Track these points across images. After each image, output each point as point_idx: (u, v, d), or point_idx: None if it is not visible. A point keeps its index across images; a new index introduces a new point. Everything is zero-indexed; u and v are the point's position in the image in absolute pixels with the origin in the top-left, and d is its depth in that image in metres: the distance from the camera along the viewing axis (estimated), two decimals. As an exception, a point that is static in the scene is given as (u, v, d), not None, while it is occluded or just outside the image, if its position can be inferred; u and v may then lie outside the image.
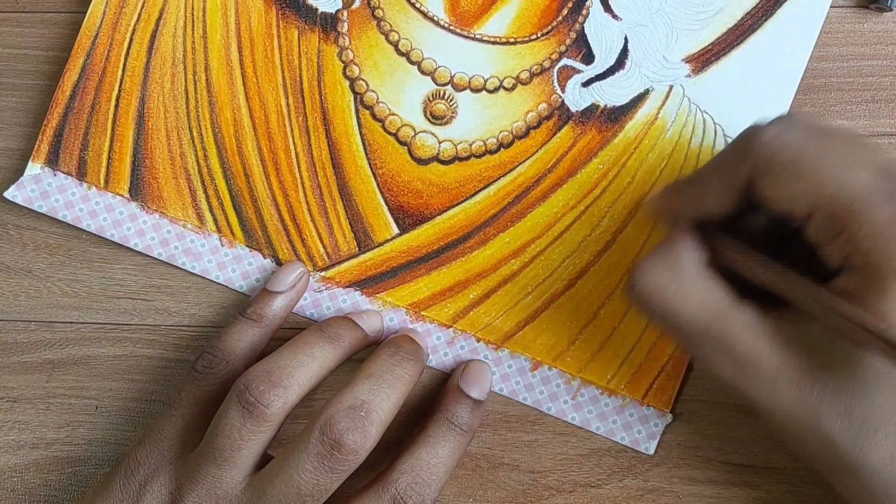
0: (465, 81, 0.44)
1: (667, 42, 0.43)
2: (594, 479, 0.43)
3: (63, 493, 0.44)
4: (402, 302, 0.43)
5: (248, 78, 0.44)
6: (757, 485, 0.43)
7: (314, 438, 0.36)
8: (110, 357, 0.44)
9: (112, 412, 0.44)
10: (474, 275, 0.43)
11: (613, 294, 0.43)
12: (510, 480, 0.44)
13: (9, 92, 0.45)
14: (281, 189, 0.44)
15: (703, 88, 0.43)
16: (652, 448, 0.43)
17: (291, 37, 0.44)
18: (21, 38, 0.46)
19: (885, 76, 0.44)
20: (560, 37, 0.43)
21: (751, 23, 0.43)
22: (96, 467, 0.44)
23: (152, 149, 0.44)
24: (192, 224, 0.44)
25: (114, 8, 0.44)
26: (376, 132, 0.44)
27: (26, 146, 0.45)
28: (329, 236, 0.44)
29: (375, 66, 0.44)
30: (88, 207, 0.44)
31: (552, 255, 0.43)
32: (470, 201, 0.43)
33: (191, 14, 0.44)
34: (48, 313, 0.45)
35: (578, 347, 0.43)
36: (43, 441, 0.44)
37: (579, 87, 0.43)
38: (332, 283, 0.44)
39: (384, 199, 0.44)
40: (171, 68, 0.44)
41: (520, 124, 0.43)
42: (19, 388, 0.44)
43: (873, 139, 0.43)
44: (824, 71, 0.44)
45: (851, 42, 0.44)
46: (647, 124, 0.43)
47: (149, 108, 0.44)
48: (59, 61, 0.45)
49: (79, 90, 0.44)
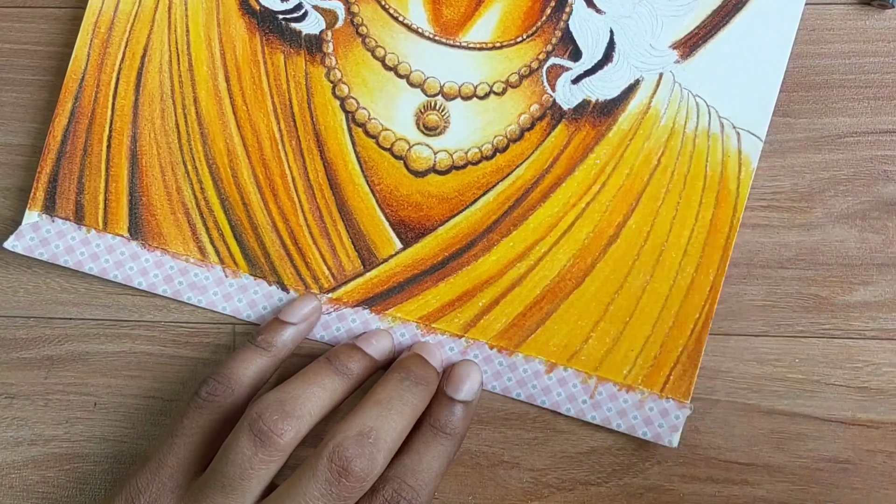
0: (455, 90, 0.43)
1: (652, 30, 0.43)
2: (594, 477, 0.43)
3: (61, 489, 0.44)
4: (411, 316, 0.43)
5: (238, 106, 0.44)
6: (757, 483, 0.43)
7: (322, 465, 0.36)
8: (109, 353, 0.44)
9: (111, 409, 0.44)
10: (482, 282, 0.43)
11: (622, 288, 0.43)
12: (509, 478, 0.43)
13: (9, 87, 0.45)
14: (280, 214, 0.43)
15: (694, 73, 0.43)
16: (675, 441, 0.42)
17: (278, 62, 0.44)
18: (21, 34, 0.46)
19: (886, 73, 0.43)
20: (546, 36, 0.43)
21: (735, 2, 0.43)
22: (95, 464, 0.44)
23: (148, 186, 0.44)
24: (194, 258, 0.43)
25: (97, 49, 0.44)
26: (371, 149, 0.43)
27: (29, 149, 0.45)
28: (333, 257, 0.43)
29: (364, 83, 0.44)
30: (89, 251, 0.43)
31: (557, 254, 0.43)
32: (471, 209, 0.43)
33: (175, 48, 0.44)
34: (47, 309, 0.45)
35: (592, 345, 0.43)
36: (41, 437, 0.44)
37: (569, 84, 0.43)
38: (339, 304, 0.43)
39: (384, 214, 0.43)
40: (160, 104, 0.44)
41: (513, 127, 0.43)
42: (18, 384, 0.44)
43: (875, 136, 0.43)
44: (826, 68, 0.43)
45: (853, 39, 0.43)
46: (640, 114, 0.43)
47: (141, 145, 0.44)
48: (60, 56, 0.45)
49: (70, 134, 0.44)
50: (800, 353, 0.43)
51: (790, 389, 0.43)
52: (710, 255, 0.42)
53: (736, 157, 0.42)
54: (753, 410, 0.43)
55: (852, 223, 0.43)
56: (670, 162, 0.43)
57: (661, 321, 0.42)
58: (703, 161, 0.42)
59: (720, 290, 0.42)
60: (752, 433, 0.43)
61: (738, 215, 0.42)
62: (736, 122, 0.42)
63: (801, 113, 0.43)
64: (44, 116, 0.45)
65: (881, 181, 0.43)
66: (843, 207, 0.43)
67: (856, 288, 0.43)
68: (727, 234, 0.42)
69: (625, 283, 0.43)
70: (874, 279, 0.43)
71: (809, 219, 0.43)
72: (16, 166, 0.45)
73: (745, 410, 0.43)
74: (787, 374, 0.43)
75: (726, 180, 0.42)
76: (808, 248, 0.43)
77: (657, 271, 0.42)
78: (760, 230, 0.43)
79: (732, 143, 0.42)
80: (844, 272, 0.43)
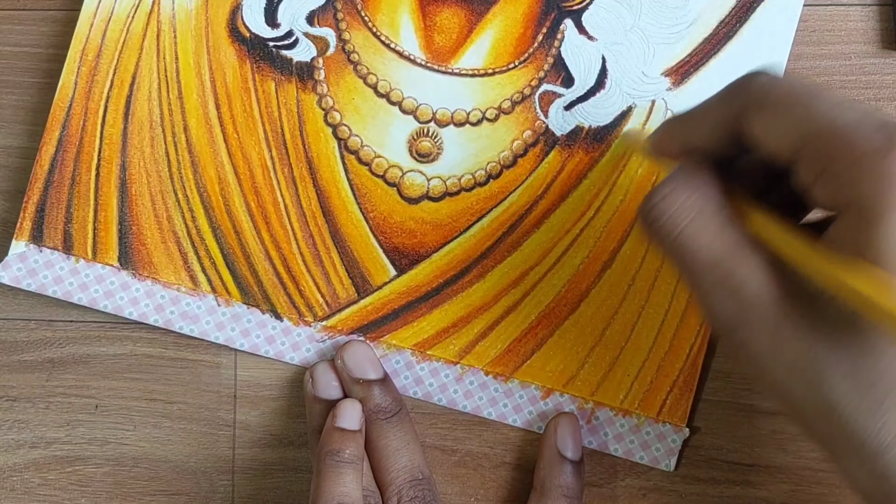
0: (447, 117, 0.43)
1: (644, 58, 0.43)
2: (597, 478, 0.43)
3: (63, 492, 0.44)
4: (406, 343, 0.43)
5: (229, 134, 0.43)
6: (759, 484, 0.43)
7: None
8: (110, 356, 0.44)
9: (112, 411, 0.44)
10: (476, 308, 0.43)
11: (617, 314, 0.43)
12: (512, 479, 0.43)
13: (9, 90, 0.45)
14: (273, 242, 0.43)
15: (686, 100, 0.43)
16: (672, 464, 0.42)
17: (269, 89, 0.43)
18: (21, 36, 0.45)
19: (887, 74, 0.44)
20: (538, 63, 0.43)
21: (726, 30, 0.43)
22: (96, 466, 0.44)
23: (138, 215, 0.43)
24: (185, 287, 0.43)
25: (85, 77, 0.43)
26: (364, 176, 0.43)
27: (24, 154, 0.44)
28: (327, 285, 0.43)
29: (356, 110, 0.43)
30: (78, 280, 0.43)
31: (552, 280, 0.43)
32: (465, 235, 0.43)
33: (164, 76, 0.43)
34: (48, 312, 0.44)
35: (588, 371, 0.43)
36: (43, 440, 0.44)
37: (562, 110, 0.43)
38: (334, 332, 0.43)
39: (378, 241, 0.43)
40: (149, 132, 0.43)
41: (506, 154, 0.43)
42: (19, 386, 0.44)
43: None
44: (826, 69, 0.44)
45: (853, 40, 0.44)
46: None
47: (130, 174, 0.43)
48: (59, 59, 0.44)
49: (57, 163, 0.43)
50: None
51: (791, 394, 0.43)
52: (705, 280, 0.42)
53: (729, 183, 0.43)
54: (755, 411, 0.43)
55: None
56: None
57: (656, 346, 0.42)
58: (697, 187, 0.43)
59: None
60: (755, 434, 0.43)
61: (731, 240, 0.43)
62: (728, 148, 0.43)
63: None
64: (44, 119, 0.44)
65: (882, 181, 0.44)
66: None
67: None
68: (721, 260, 0.42)
69: (620, 308, 0.43)
70: (874, 279, 0.43)
71: (809, 219, 0.43)
72: (15, 168, 0.45)
73: (747, 411, 0.43)
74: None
75: (719, 206, 0.43)
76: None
77: (652, 296, 0.42)
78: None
79: (725, 169, 0.43)
80: (845, 271, 0.43)
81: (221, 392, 0.44)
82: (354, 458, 0.39)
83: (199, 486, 0.44)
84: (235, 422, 0.44)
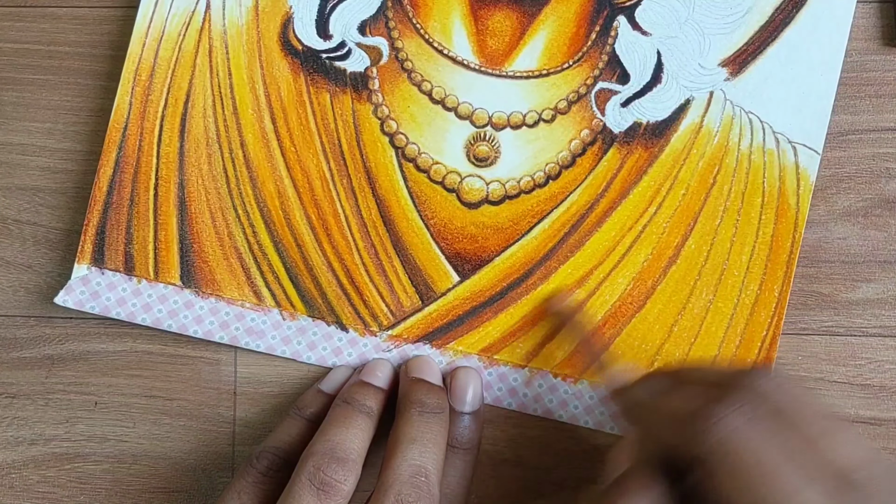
0: (503, 120, 0.43)
1: (700, 49, 0.43)
2: (599, 475, 0.43)
3: (62, 489, 0.44)
4: (473, 349, 0.43)
5: (286, 148, 0.43)
6: None
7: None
8: (110, 353, 0.44)
9: (111, 408, 0.44)
10: (542, 310, 0.43)
11: (685, 309, 0.42)
12: (514, 476, 0.43)
13: (10, 87, 0.45)
14: (335, 254, 0.43)
15: (745, 90, 0.42)
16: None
17: (324, 101, 0.43)
18: (22, 33, 0.45)
19: (888, 71, 0.44)
20: (592, 61, 0.43)
21: (782, 17, 0.43)
22: (95, 463, 0.44)
23: (199, 233, 0.43)
24: (250, 302, 0.43)
25: (139, 97, 0.43)
26: (422, 183, 0.43)
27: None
28: (390, 294, 0.43)
29: (412, 117, 0.43)
30: (141, 301, 0.43)
31: (617, 279, 0.43)
32: (526, 238, 0.43)
33: (218, 92, 0.44)
34: (48, 308, 0.44)
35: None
36: (42, 437, 0.44)
37: (619, 107, 0.43)
38: (400, 341, 0.43)
39: (440, 248, 0.43)
40: (206, 149, 0.43)
41: (565, 154, 0.43)
42: (18, 383, 0.44)
43: (876, 134, 0.44)
44: None
45: (855, 37, 0.43)
46: (692, 134, 0.43)
47: (189, 192, 0.43)
48: (61, 56, 0.45)
49: (115, 184, 0.43)
50: (803, 351, 0.43)
51: (793, 387, 0.43)
52: (774, 271, 0.42)
53: (794, 172, 0.42)
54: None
55: (854, 220, 0.43)
56: (726, 180, 0.42)
57: (727, 340, 0.42)
58: (761, 177, 0.42)
59: (786, 306, 0.42)
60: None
61: (799, 230, 0.42)
62: (791, 137, 0.42)
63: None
64: (44, 115, 0.45)
65: (883, 178, 0.43)
66: (845, 205, 0.43)
67: (858, 285, 0.43)
68: (789, 250, 0.42)
69: (687, 304, 0.42)
70: (877, 276, 0.43)
71: (812, 216, 0.43)
72: (16, 165, 0.45)
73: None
74: (790, 372, 0.43)
75: (785, 195, 0.42)
76: (811, 245, 0.43)
77: (720, 290, 0.42)
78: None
79: (789, 158, 0.42)
80: (847, 269, 0.43)
81: (221, 389, 0.44)
82: (370, 410, 0.39)
83: (198, 483, 0.44)
84: (235, 419, 0.44)
